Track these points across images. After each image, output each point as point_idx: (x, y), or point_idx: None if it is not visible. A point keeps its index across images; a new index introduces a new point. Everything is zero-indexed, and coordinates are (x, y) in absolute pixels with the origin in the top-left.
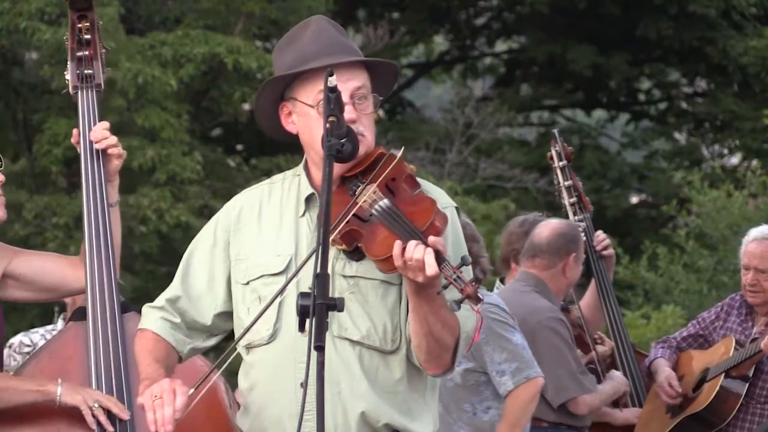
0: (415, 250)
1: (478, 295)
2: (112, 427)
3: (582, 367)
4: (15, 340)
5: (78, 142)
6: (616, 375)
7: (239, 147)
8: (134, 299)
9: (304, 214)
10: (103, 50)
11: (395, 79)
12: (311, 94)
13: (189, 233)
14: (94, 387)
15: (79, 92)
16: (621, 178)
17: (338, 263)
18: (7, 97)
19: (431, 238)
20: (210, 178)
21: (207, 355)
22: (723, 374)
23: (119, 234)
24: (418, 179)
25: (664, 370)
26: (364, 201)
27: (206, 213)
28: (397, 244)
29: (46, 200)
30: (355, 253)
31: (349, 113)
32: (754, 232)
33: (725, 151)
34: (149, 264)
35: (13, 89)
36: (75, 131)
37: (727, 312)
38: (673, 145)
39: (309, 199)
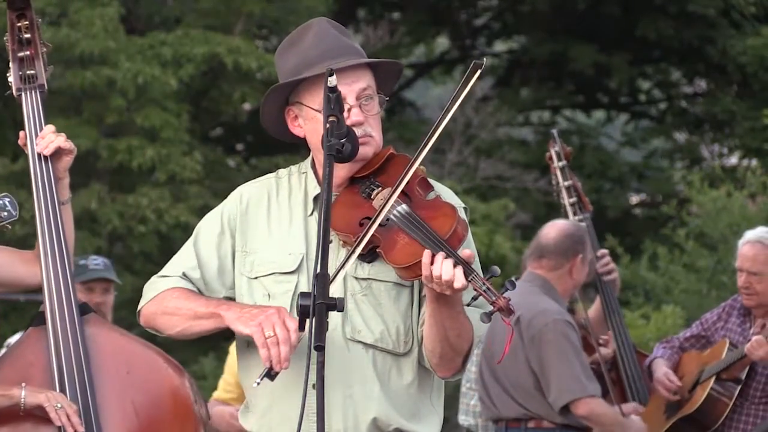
0: (443, 265)
1: (510, 306)
2: (80, 427)
3: (588, 372)
4: (12, 340)
5: (25, 144)
6: (635, 418)
7: (239, 147)
8: (134, 299)
9: (312, 213)
10: (44, 49)
11: (398, 77)
12: (317, 98)
13: (189, 233)
14: (57, 391)
15: (23, 94)
16: (621, 178)
17: (351, 264)
18: (7, 97)
19: (466, 253)
20: (210, 178)
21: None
22: (714, 377)
23: (72, 232)
24: (429, 180)
25: (662, 368)
26: (381, 208)
27: (206, 213)
28: (427, 254)
29: None
30: (368, 255)
31: (357, 116)
32: (749, 235)
33: (725, 150)
34: (149, 264)
35: None
36: (22, 133)
37: (728, 313)
38: (673, 144)
39: (317, 199)
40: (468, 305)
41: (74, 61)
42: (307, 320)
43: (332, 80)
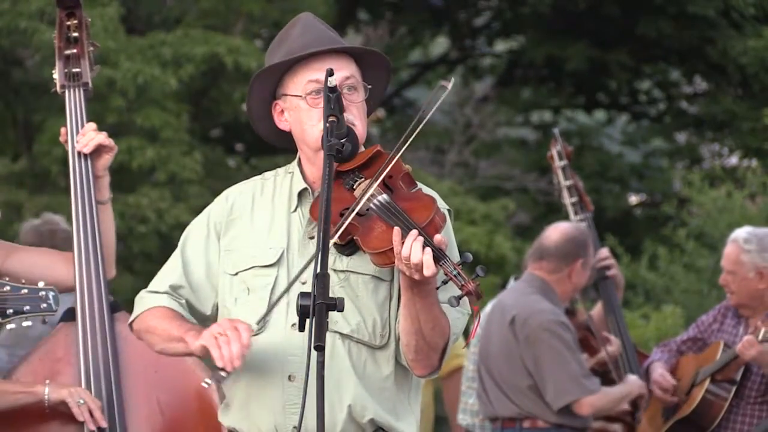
0: (412, 248)
1: (479, 291)
2: (103, 422)
3: (585, 370)
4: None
5: (66, 141)
6: (631, 378)
7: (239, 147)
8: (134, 299)
9: (295, 209)
10: (91, 48)
11: (388, 71)
12: (299, 85)
13: None
14: (83, 387)
15: (67, 91)
16: (621, 177)
17: (330, 257)
18: (7, 97)
19: (437, 237)
20: (210, 178)
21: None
22: (709, 378)
23: (112, 232)
24: (417, 183)
25: (658, 369)
26: (362, 196)
27: None
28: (396, 231)
29: (46, 200)
30: (348, 247)
31: None
32: (733, 234)
33: (725, 150)
34: (149, 264)
35: (13, 89)
36: (63, 130)
37: (723, 315)
38: (672, 144)
39: (301, 194)
40: (437, 288)
41: None
42: (307, 320)
43: (332, 80)
